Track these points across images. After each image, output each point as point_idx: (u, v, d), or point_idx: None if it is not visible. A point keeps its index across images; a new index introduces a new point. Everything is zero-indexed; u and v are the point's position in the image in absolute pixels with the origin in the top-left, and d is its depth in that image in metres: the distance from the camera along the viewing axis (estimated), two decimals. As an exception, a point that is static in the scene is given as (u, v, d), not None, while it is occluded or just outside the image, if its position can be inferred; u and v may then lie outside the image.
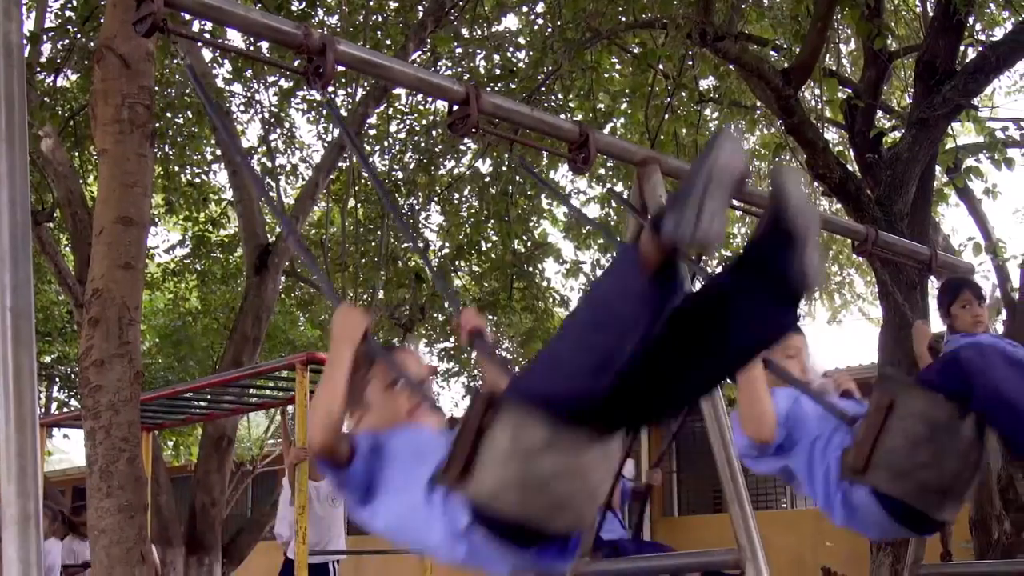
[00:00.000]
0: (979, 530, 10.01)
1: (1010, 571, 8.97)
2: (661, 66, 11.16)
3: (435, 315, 15.20)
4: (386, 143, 14.70)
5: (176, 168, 14.92)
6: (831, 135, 14.36)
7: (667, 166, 4.53)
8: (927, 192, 9.40)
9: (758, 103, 11.28)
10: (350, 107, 13.38)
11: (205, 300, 17.24)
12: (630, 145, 4.73)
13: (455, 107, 3.99)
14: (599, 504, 2.78)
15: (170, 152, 14.38)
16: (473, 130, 4.00)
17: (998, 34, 10.71)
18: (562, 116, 10.20)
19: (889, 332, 8.77)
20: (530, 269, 13.95)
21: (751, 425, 3.96)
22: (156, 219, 16.22)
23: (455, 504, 2.70)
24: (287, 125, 15.12)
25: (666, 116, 11.22)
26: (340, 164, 13.40)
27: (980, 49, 8.97)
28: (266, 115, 14.51)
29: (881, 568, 8.49)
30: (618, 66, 13.05)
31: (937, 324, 8.89)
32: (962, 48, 9.91)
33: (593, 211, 15.10)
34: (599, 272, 14.11)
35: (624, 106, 12.69)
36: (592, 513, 2.78)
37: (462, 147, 13.89)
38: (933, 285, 10.24)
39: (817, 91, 11.03)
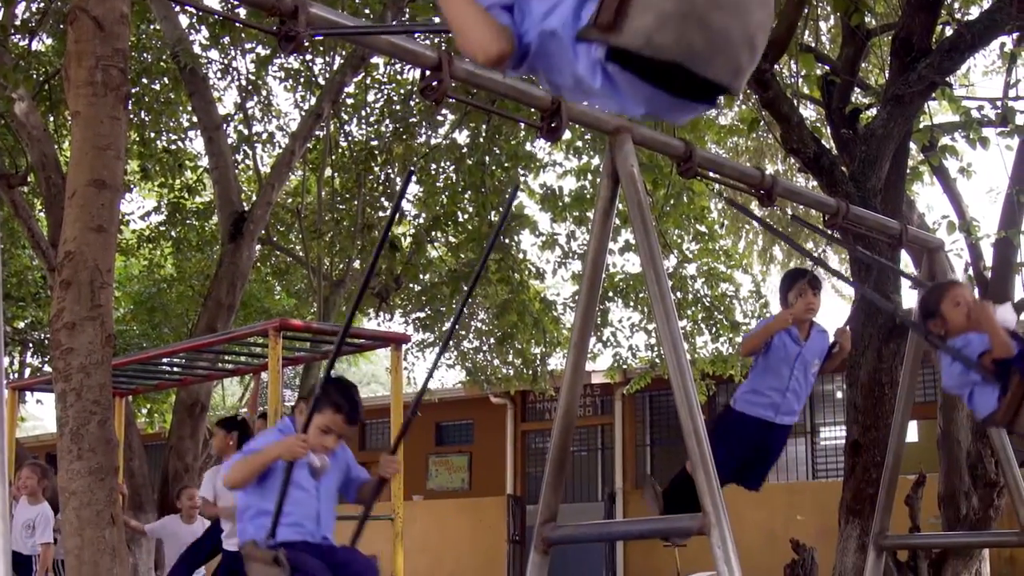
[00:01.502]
0: (947, 505, 10.11)
1: (972, 542, 9.09)
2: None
3: (410, 285, 15.20)
4: (364, 112, 14.66)
5: (152, 134, 14.86)
6: (809, 112, 14.40)
7: (639, 135, 4.54)
8: (901, 169, 9.43)
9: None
10: (328, 76, 13.35)
11: (180, 267, 17.21)
12: (602, 114, 4.74)
13: (427, 73, 3.99)
14: (756, 54, 2.64)
15: (146, 118, 14.31)
16: (445, 97, 4.00)
17: (974, 12, 10.73)
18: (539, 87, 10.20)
19: (861, 308, 8.83)
20: (506, 240, 13.95)
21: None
22: (131, 185, 16.14)
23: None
24: (264, 93, 15.06)
25: (644, 89, 11.19)
26: (317, 133, 13.35)
27: (956, 27, 8.99)
28: (243, 82, 14.45)
29: (849, 540, 8.58)
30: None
31: (908, 298, 8.98)
32: (939, 26, 9.93)
33: (569, 183, 15.10)
34: (574, 245, 14.12)
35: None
36: (748, 62, 2.64)
37: (439, 118, 13.87)
38: (907, 260, 10.33)
39: (794, 66, 11.04)
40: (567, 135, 13.81)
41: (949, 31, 9.82)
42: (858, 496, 8.48)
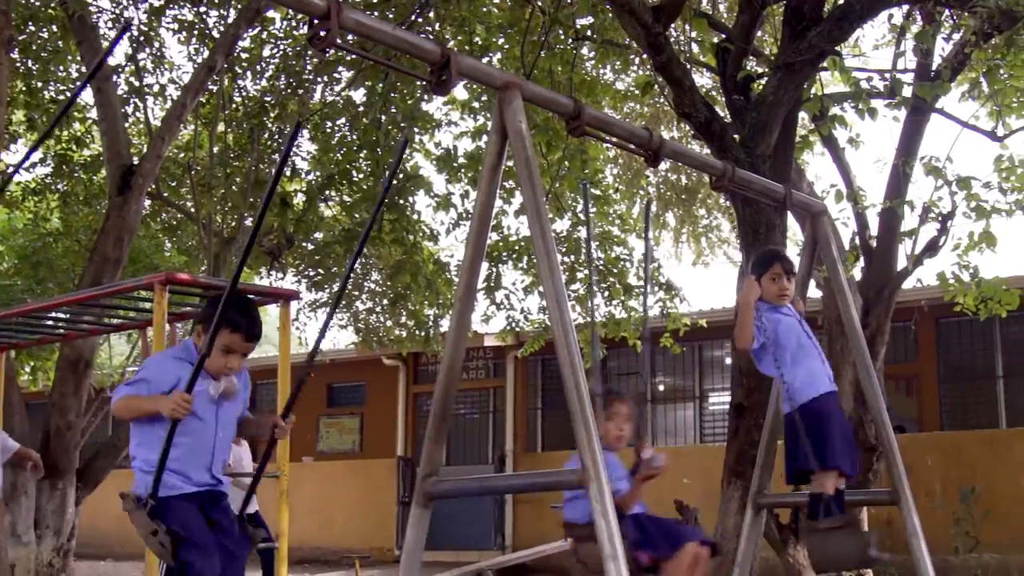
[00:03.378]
0: (828, 468, 10.34)
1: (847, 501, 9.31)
2: (540, 2, 11.16)
3: (303, 243, 15.06)
4: (259, 67, 14.44)
5: (39, 84, 14.47)
6: (705, 79, 14.54)
7: (529, 92, 4.54)
8: (790, 136, 9.58)
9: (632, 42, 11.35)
10: (222, 29, 13.12)
11: (67, 221, 16.80)
12: (492, 69, 4.71)
13: (316, 22, 3.94)
14: None
15: (33, 67, 13.93)
16: (333, 47, 3.96)
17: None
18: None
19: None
20: (401, 201, 13.88)
21: None
22: (17, 136, 15.69)
23: None
24: (157, 44, 14.74)
25: (542, 52, 11.22)
26: (210, 87, 13.12)
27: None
28: (135, 33, 14.12)
29: (731, 501, 8.74)
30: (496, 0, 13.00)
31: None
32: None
33: (465, 144, 15.07)
34: (469, 206, 14.07)
35: (501, 41, 12.65)
36: None
37: (336, 75, 13.73)
38: (796, 230, 10.51)
39: (689, 31, 11.14)
40: (464, 95, 13.79)
41: (840, 1, 9.96)
42: (740, 458, 8.63)
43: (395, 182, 13.68)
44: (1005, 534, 13.52)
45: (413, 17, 12.04)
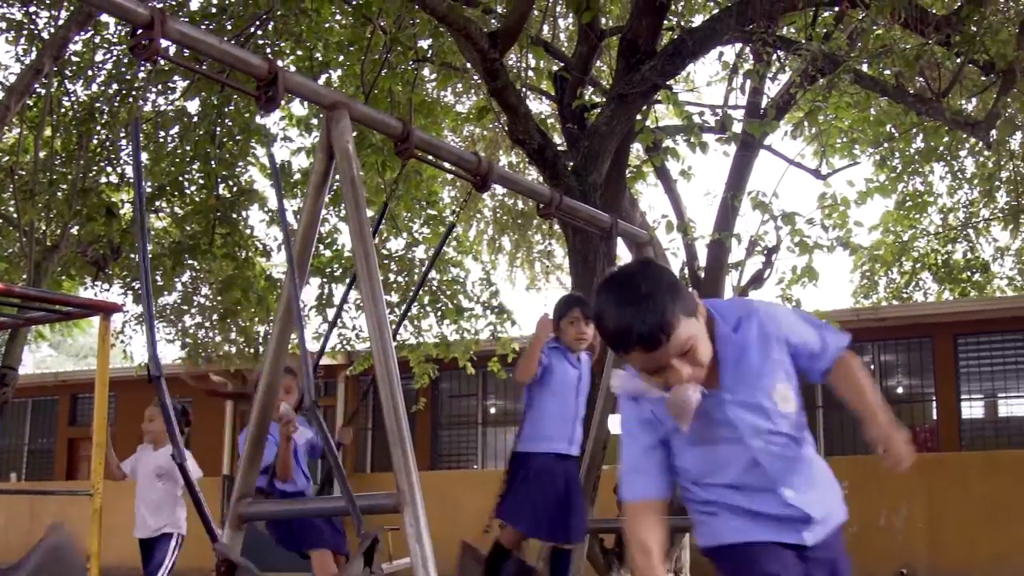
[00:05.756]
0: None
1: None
2: (383, 22, 11.13)
3: (130, 255, 14.66)
4: (91, 72, 14.04)
5: None
6: (544, 106, 14.69)
7: (357, 112, 4.51)
8: (622, 166, 9.74)
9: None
10: (53, 31, 12.74)
11: None
12: (320, 88, 4.69)
13: (139, 31, 3.85)
14: None
15: None
16: (157, 57, 3.88)
17: (697, 20, 11.18)
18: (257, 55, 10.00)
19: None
20: (234, 215, 13.64)
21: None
22: None
23: None
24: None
25: (383, 71, 11.18)
26: (38, 90, 12.71)
27: (679, 33, 9.34)
28: (-41, 30, 13.61)
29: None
30: (338, 16, 12.91)
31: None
32: (668, 32, 10.30)
33: (301, 161, 14.93)
34: (295, 218, 13.93)
35: (341, 58, 12.57)
36: None
37: (170, 84, 13.44)
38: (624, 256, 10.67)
39: (528, 59, 11.23)
40: (303, 111, 13.64)
41: (674, 37, 10.19)
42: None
43: (228, 195, 13.46)
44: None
45: (253, 30, 11.88)
